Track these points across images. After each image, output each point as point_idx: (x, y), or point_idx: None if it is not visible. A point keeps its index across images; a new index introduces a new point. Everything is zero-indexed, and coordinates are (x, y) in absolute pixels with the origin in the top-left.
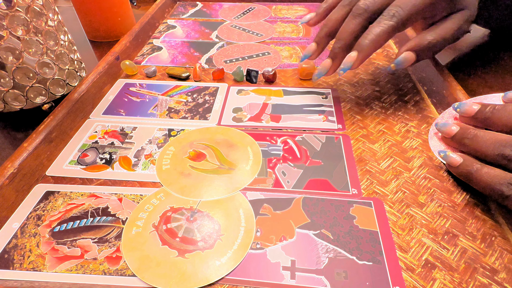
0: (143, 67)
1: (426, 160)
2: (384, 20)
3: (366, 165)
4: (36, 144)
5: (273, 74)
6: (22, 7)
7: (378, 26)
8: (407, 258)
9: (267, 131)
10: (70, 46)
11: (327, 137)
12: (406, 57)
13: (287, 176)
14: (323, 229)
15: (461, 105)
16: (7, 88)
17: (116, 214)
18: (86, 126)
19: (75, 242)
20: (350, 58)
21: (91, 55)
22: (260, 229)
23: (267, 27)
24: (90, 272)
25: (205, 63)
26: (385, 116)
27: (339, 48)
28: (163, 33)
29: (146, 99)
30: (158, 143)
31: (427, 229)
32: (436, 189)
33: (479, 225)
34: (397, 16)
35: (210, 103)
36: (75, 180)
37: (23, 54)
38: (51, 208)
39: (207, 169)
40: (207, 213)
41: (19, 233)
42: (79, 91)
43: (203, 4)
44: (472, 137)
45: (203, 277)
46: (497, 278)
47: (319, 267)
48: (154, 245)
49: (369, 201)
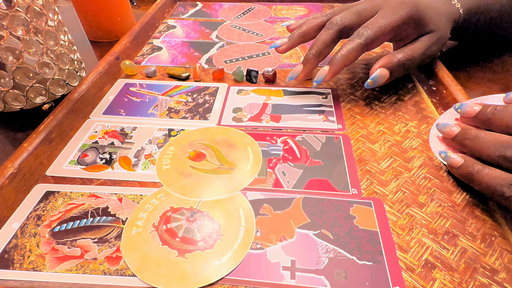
0: (143, 67)
1: (426, 160)
2: (354, 38)
3: (366, 165)
4: (36, 144)
5: (273, 74)
6: (22, 7)
7: (349, 43)
8: (407, 258)
9: (267, 131)
10: (70, 46)
11: (327, 137)
12: (381, 73)
13: (287, 176)
14: (323, 229)
15: (462, 105)
16: (7, 88)
17: (116, 214)
18: (86, 126)
19: (75, 242)
20: (323, 71)
21: (91, 55)
22: (260, 229)
23: (267, 27)
24: (90, 272)
25: (205, 63)
26: (385, 116)
27: (311, 54)
28: (163, 33)
29: (146, 99)
30: (158, 143)
31: (427, 229)
32: (436, 189)
33: (479, 225)
34: (365, 36)
35: (210, 103)
36: (75, 180)
37: (23, 54)
38: (51, 208)
39: (207, 169)
40: (207, 213)
41: (19, 233)
42: (79, 91)
43: (203, 4)
44: (473, 138)
45: (203, 277)
46: (497, 278)
47: (319, 267)
48: (154, 245)
49: (369, 201)
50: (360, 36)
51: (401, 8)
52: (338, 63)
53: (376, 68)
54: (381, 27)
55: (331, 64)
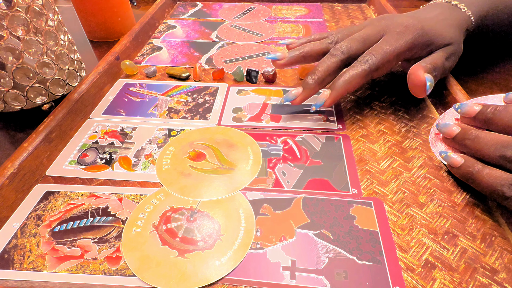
0: (143, 67)
1: (426, 160)
2: (358, 64)
3: (366, 165)
4: (36, 144)
5: (273, 74)
6: (22, 7)
7: (352, 69)
8: (407, 258)
9: (267, 131)
10: (70, 46)
11: (327, 137)
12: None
13: (287, 176)
14: (323, 229)
15: (462, 105)
16: (7, 88)
17: (116, 214)
18: (86, 126)
19: (75, 242)
20: (324, 95)
21: (91, 55)
22: (260, 229)
23: (267, 27)
24: (90, 272)
25: (205, 63)
26: (385, 116)
27: (313, 80)
28: (163, 33)
29: (146, 99)
30: (158, 143)
31: (427, 229)
32: (436, 189)
33: (479, 225)
34: (370, 62)
35: (210, 103)
36: (75, 180)
37: (23, 54)
38: (51, 208)
39: (207, 169)
40: (207, 213)
41: (19, 233)
42: (79, 91)
43: (203, 4)
44: (473, 138)
45: (203, 277)
46: (497, 278)
47: (319, 267)
48: (154, 245)
49: (369, 201)
50: (364, 63)
51: (405, 33)
52: (340, 89)
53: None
54: (386, 54)
55: (333, 89)
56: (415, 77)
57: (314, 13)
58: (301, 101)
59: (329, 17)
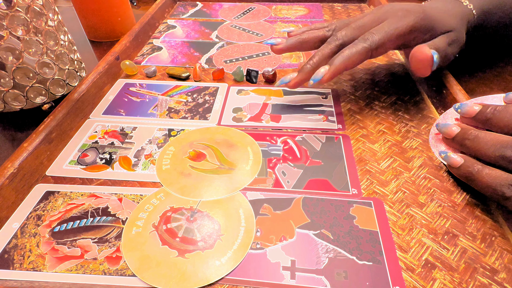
0: (143, 67)
1: (426, 160)
2: (358, 42)
3: (366, 165)
4: (36, 144)
5: (273, 74)
6: (22, 7)
7: (353, 46)
8: (407, 258)
9: (267, 131)
10: (70, 46)
11: (327, 137)
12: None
13: (287, 176)
14: (323, 229)
15: (462, 105)
16: (7, 88)
17: (116, 214)
18: (86, 126)
19: (75, 242)
20: (323, 70)
21: (91, 55)
22: (260, 229)
23: (267, 27)
24: (90, 272)
25: (205, 63)
26: (385, 116)
27: (309, 65)
28: (163, 33)
29: (146, 99)
30: (158, 143)
31: (427, 229)
32: (436, 189)
33: (479, 225)
34: (370, 40)
35: (210, 103)
36: (75, 180)
37: (23, 54)
38: (51, 208)
39: (207, 169)
40: (207, 213)
41: (19, 233)
42: (79, 91)
43: (203, 4)
44: (473, 138)
45: (203, 277)
46: (497, 278)
47: (319, 267)
48: (154, 245)
49: (369, 201)
50: (365, 41)
51: (407, 16)
52: (340, 65)
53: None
54: (387, 33)
55: (332, 64)
56: (420, 53)
57: (314, 13)
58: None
59: (329, 17)
